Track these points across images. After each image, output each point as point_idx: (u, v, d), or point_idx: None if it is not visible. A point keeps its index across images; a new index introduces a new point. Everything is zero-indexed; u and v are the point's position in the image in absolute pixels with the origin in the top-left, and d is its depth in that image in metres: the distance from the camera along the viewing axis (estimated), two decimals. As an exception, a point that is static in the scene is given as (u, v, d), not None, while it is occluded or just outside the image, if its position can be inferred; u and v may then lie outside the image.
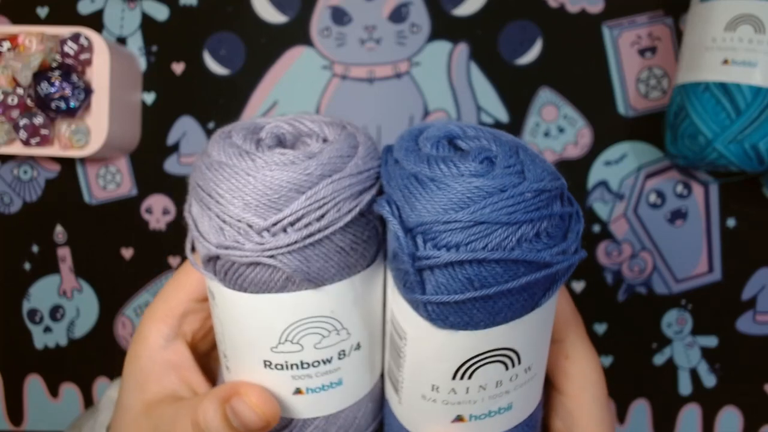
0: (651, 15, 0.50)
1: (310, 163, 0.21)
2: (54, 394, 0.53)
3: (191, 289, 0.28)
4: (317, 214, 0.21)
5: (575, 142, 0.50)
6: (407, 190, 0.21)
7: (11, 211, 0.53)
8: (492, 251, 0.20)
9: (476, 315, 0.21)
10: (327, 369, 0.24)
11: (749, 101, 0.42)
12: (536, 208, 0.21)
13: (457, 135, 0.23)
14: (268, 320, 0.23)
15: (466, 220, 0.20)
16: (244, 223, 0.21)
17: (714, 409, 0.51)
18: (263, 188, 0.21)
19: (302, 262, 0.22)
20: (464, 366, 0.23)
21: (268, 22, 0.51)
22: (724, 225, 0.50)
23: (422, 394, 0.24)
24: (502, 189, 0.20)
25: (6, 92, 0.46)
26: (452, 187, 0.20)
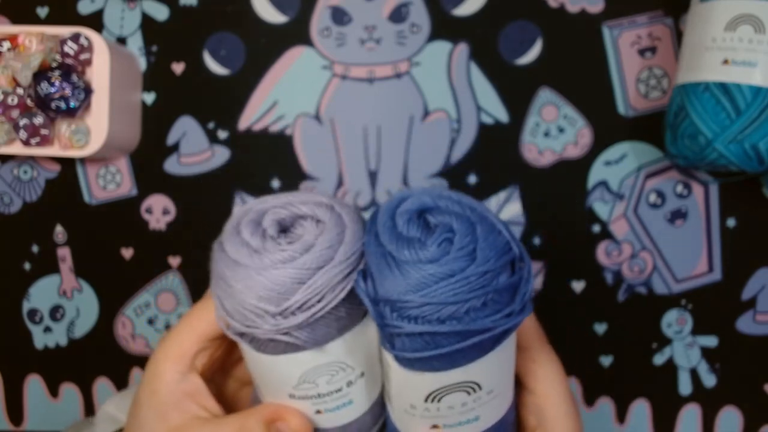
0: (651, 15, 0.50)
1: (307, 258, 0.26)
2: (54, 394, 0.53)
3: (203, 332, 0.31)
4: (317, 298, 0.26)
5: (575, 142, 0.50)
6: (380, 268, 0.26)
7: (11, 211, 0.53)
8: (442, 323, 0.25)
9: (435, 364, 0.26)
10: (339, 395, 0.30)
11: (749, 101, 0.42)
12: (481, 286, 0.25)
13: (428, 208, 0.28)
14: (287, 371, 0.29)
15: (419, 301, 0.25)
16: (260, 309, 0.27)
17: (714, 409, 0.51)
18: (271, 285, 0.26)
19: (310, 333, 0.27)
20: (432, 394, 0.28)
21: (268, 22, 0.51)
22: (724, 225, 0.50)
23: (404, 409, 0.30)
24: (451, 274, 0.25)
25: (6, 92, 0.46)
26: (411, 274, 0.25)
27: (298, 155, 0.51)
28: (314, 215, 0.28)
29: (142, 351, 0.53)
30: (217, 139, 0.51)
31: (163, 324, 0.52)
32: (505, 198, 0.51)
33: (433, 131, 0.51)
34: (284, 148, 0.51)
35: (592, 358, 0.51)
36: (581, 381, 0.51)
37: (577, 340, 0.51)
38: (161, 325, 0.53)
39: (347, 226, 0.28)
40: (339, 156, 0.51)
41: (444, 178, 0.51)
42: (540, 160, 0.51)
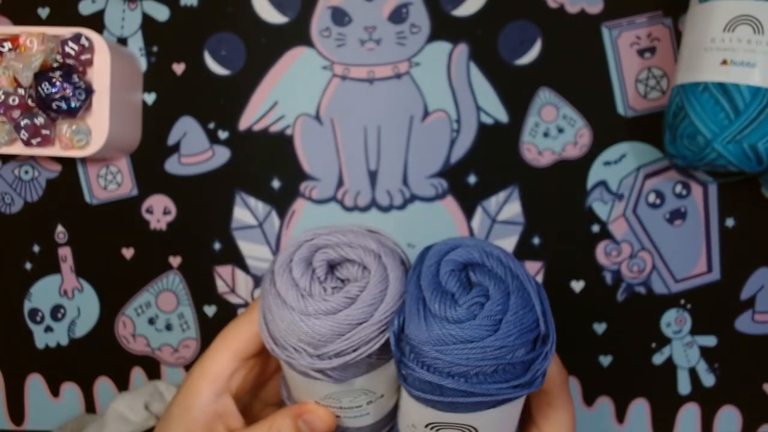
0: (650, 15, 0.50)
1: (348, 313, 0.28)
2: (55, 393, 0.53)
3: (238, 351, 0.33)
4: (352, 349, 0.29)
5: (574, 142, 0.51)
6: (411, 311, 0.28)
7: (12, 211, 0.53)
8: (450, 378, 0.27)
9: (440, 406, 0.28)
10: (359, 411, 0.33)
11: (748, 101, 0.42)
12: (494, 357, 0.26)
13: (474, 264, 0.28)
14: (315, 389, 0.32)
15: (434, 354, 0.26)
16: (300, 347, 0.29)
17: (713, 409, 0.51)
18: (312, 333, 0.29)
19: (341, 373, 0.30)
20: (432, 425, 0.30)
21: (269, 22, 0.51)
22: (723, 225, 0.50)
23: (408, 424, 0.32)
24: (470, 341, 0.26)
25: (7, 92, 0.46)
26: (434, 328, 0.27)
27: (298, 155, 0.51)
28: (362, 262, 0.30)
29: (142, 351, 0.53)
30: (218, 139, 0.52)
31: (164, 324, 0.53)
32: (505, 198, 0.51)
33: (432, 131, 0.51)
34: (284, 148, 0.51)
35: (591, 358, 0.51)
36: (580, 381, 0.52)
37: (577, 339, 0.51)
38: (162, 325, 0.53)
39: (390, 283, 0.29)
40: (339, 156, 0.51)
41: (444, 178, 0.51)
42: (539, 161, 0.51)
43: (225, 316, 0.52)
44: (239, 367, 0.34)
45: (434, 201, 0.51)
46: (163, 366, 0.53)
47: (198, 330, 0.53)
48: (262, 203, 0.52)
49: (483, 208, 0.51)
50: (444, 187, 0.51)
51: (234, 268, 0.52)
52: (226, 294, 0.52)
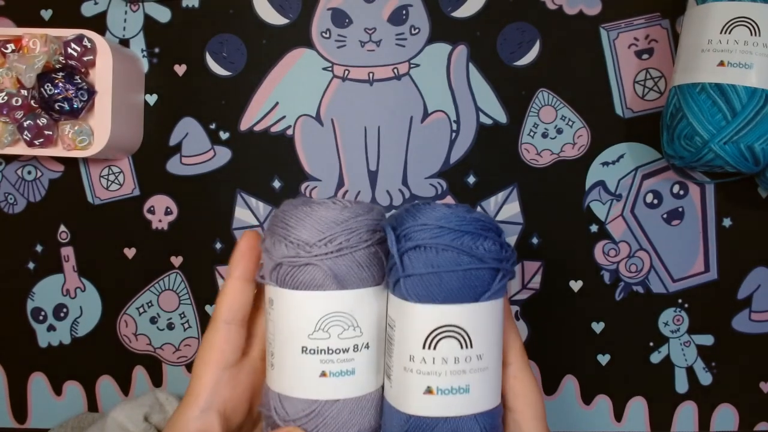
0: (648, 17, 0.50)
1: (345, 210, 0.34)
2: (58, 392, 0.54)
3: (217, 362, 0.34)
4: (347, 237, 0.33)
5: (573, 143, 0.51)
6: (401, 216, 0.34)
7: (15, 211, 0.53)
8: (445, 242, 0.32)
9: (435, 291, 0.32)
10: (345, 357, 0.34)
11: (745, 102, 0.43)
12: (476, 228, 0.33)
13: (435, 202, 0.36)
14: (309, 311, 0.34)
15: (431, 224, 0.32)
16: (302, 241, 0.33)
17: (710, 407, 0.52)
18: (317, 220, 0.34)
19: (333, 266, 0.33)
20: (430, 336, 0.32)
21: (269, 23, 0.51)
22: (720, 225, 0.51)
23: (404, 366, 0.33)
24: (454, 213, 0.33)
25: (10, 93, 0.47)
26: (426, 212, 0.33)
27: (299, 156, 0.52)
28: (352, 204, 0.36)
29: (144, 349, 0.53)
30: (219, 139, 0.52)
31: (165, 323, 0.53)
32: (504, 198, 0.51)
33: (432, 132, 0.51)
34: (285, 148, 0.52)
35: (589, 357, 0.52)
36: (579, 379, 0.52)
37: (575, 338, 0.52)
38: (163, 324, 0.53)
39: (374, 208, 0.36)
40: (339, 156, 0.52)
41: (443, 179, 0.51)
42: (538, 161, 0.51)
43: (226, 316, 0.53)
44: (221, 378, 0.34)
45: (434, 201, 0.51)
46: (164, 365, 0.53)
47: (199, 329, 0.53)
48: (263, 203, 0.52)
49: (482, 208, 0.51)
50: (443, 187, 0.51)
51: (235, 268, 0.52)
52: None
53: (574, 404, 0.52)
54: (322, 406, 0.34)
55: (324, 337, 0.34)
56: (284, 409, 0.34)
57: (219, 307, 0.35)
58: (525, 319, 0.52)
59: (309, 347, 0.34)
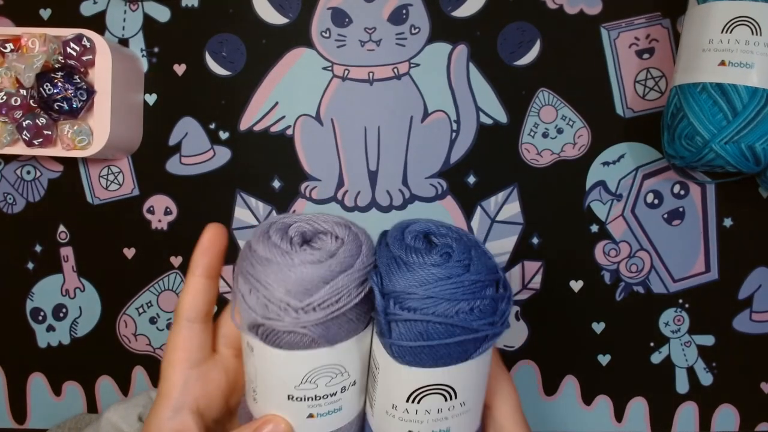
0: (648, 17, 0.50)
1: (332, 262, 0.30)
2: (57, 392, 0.54)
3: (182, 361, 0.34)
4: (335, 299, 0.30)
5: (573, 142, 0.51)
6: (389, 268, 0.31)
7: (14, 211, 0.53)
8: (437, 316, 0.30)
9: (424, 358, 0.31)
10: (332, 400, 0.33)
11: (746, 102, 0.43)
12: (471, 292, 0.30)
13: (431, 231, 0.33)
14: (295, 368, 0.32)
15: (422, 294, 0.30)
16: (285, 303, 0.30)
17: (711, 407, 0.52)
18: (300, 280, 0.30)
19: (324, 330, 0.31)
20: (414, 393, 0.32)
21: (269, 23, 0.51)
22: (721, 225, 0.51)
23: (386, 410, 0.33)
24: (449, 277, 0.30)
25: (9, 93, 0.47)
26: (417, 272, 0.30)
27: (298, 155, 0.52)
28: (333, 232, 0.32)
29: (144, 350, 0.53)
30: (219, 139, 0.52)
31: (165, 323, 0.53)
32: (504, 198, 0.51)
33: (432, 132, 0.51)
34: (285, 148, 0.51)
35: (590, 357, 0.52)
36: (579, 379, 0.52)
37: (576, 338, 0.52)
38: (163, 324, 0.53)
39: (363, 242, 0.32)
40: (339, 156, 0.51)
41: (443, 179, 0.51)
42: (538, 161, 0.51)
43: (226, 316, 0.53)
44: (189, 378, 0.34)
45: (434, 201, 0.51)
46: (164, 365, 0.53)
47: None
48: (263, 203, 0.52)
49: (482, 208, 0.51)
50: (443, 187, 0.51)
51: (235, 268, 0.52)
52: (227, 293, 0.52)
53: (574, 404, 0.52)
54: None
55: (311, 387, 0.32)
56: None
57: (181, 306, 0.34)
58: (525, 319, 0.52)
59: (296, 396, 0.33)
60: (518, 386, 0.52)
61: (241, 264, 0.32)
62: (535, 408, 0.52)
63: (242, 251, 0.32)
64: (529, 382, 0.52)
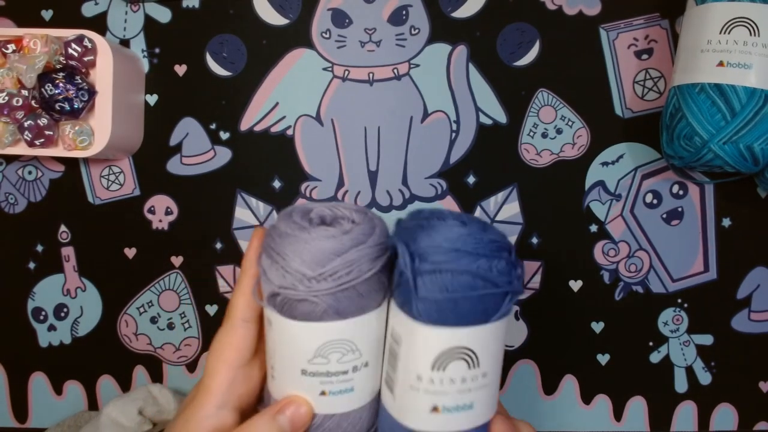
0: (647, 17, 0.50)
1: (345, 238, 0.32)
2: (58, 392, 0.54)
3: (232, 360, 0.35)
4: (346, 271, 0.32)
5: (573, 143, 0.51)
6: (414, 232, 0.32)
7: (16, 211, 0.53)
8: (461, 267, 0.31)
9: (448, 314, 0.31)
10: (344, 378, 0.34)
11: (744, 102, 0.43)
12: (490, 250, 0.32)
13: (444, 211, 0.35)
14: (308, 340, 0.33)
15: (447, 246, 0.31)
16: (299, 273, 0.32)
17: (709, 407, 0.52)
18: (315, 252, 0.32)
19: (334, 301, 0.32)
20: (439, 358, 0.32)
21: (270, 24, 0.51)
22: (720, 225, 0.51)
23: (410, 384, 0.33)
24: (470, 234, 0.32)
25: (11, 94, 0.47)
26: (442, 231, 0.32)
27: (299, 156, 0.52)
28: (351, 217, 0.34)
29: (144, 349, 0.53)
30: (219, 139, 0.52)
31: (166, 323, 0.53)
32: (504, 198, 0.51)
33: (432, 132, 0.51)
34: (285, 148, 0.52)
35: (589, 357, 0.52)
36: (579, 379, 0.52)
37: (575, 338, 0.52)
38: (164, 324, 0.53)
39: (377, 225, 0.34)
40: (339, 156, 0.52)
41: (443, 179, 0.51)
42: (538, 161, 0.51)
43: (226, 315, 0.53)
44: (236, 376, 0.35)
45: (434, 201, 0.51)
46: (165, 365, 0.53)
47: (200, 329, 0.53)
48: (263, 203, 0.52)
49: (482, 208, 0.51)
50: (443, 187, 0.51)
51: (235, 268, 0.52)
52: (228, 293, 0.53)
53: (573, 404, 0.52)
54: (322, 419, 0.35)
55: (323, 362, 0.34)
56: None
57: (236, 305, 0.35)
58: (525, 319, 0.52)
59: (309, 371, 0.34)
60: (518, 386, 0.53)
61: (265, 242, 0.34)
62: (534, 407, 0.52)
63: (267, 231, 0.35)
64: (529, 382, 0.52)
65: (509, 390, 0.52)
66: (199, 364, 0.53)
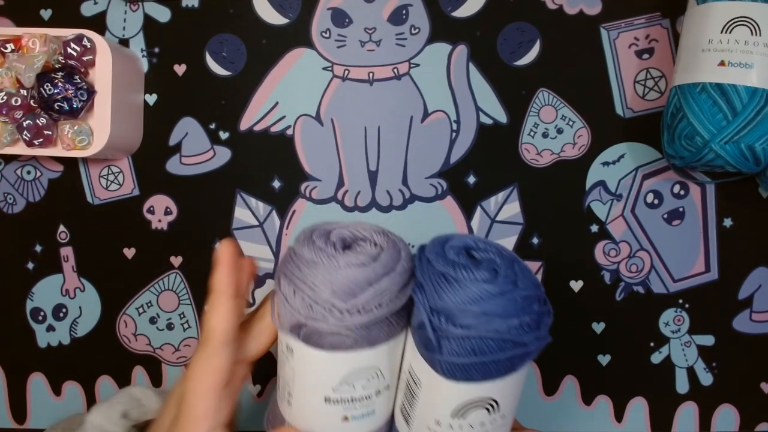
0: (648, 17, 0.50)
1: (376, 266, 0.31)
2: (57, 392, 0.54)
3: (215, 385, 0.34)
4: (378, 301, 0.31)
5: (573, 142, 0.51)
6: (437, 284, 0.30)
7: (15, 211, 0.53)
8: (490, 332, 0.30)
9: (474, 373, 0.31)
10: (367, 403, 0.34)
11: (745, 102, 0.43)
12: (522, 307, 0.30)
13: (471, 247, 0.33)
14: (335, 368, 0.32)
15: (476, 310, 0.30)
16: (330, 304, 0.30)
17: (711, 408, 0.52)
18: (346, 282, 0.30)
19: (366, 332, 0.31)
20: (461, 408, 0.32)
21: (269, 23, 0.51)
22: (721, 225, 0.51)
23: (428, 426, 0.33)
24: (502, 293, 0.30)
25: (9, 93, 0.47)
26: (470, 288, 0.30)
27: (298, 155, 0.52)
28: (372, 238, 0.33)
29: (144, 350, 0.53)
30: (219, 139, 0.52)
31: (165, 323, 0.53)
32: (504, 198, 0.51)
33: (432, 132, 0.51)
34: (285, 148, 0.52)
35: (590, 357, 0.52)
36: (579, 379, 0.52)
37: (576, 338, 0.52)
38: (163, 324, 0.53)
39: (401, 248, 0.33)
40: (339, 156, 0.52)
41: (443, 179, 0.51)
42: (538, 161, 0.51)
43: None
44: (223, 396, 0.34)
45: (434, 201, 0.51)
46: (164, 365, 0.53)
47: (199, 329, 0.53)
48: (263, 203, 0.52)
49: (482, 208, 0.51)
50: (443, 187, 0.51)
51: (235, 268, 0.52)
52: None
53: (574, 405, 0.52)
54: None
55: (348, 390, 0.33)
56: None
57: (217, 329, 0.34)
58: (525, 320, 0.52)
59: (332, 398, 0.33)
60: (518, 386, 0.52)
61: (284, 267, 0.32)
62: (535, 408, 0.52)
63: (285, 255, 0.33)
64: (529, 383, 0.52)
65: (510, 391, 0.52)
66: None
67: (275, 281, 0.33)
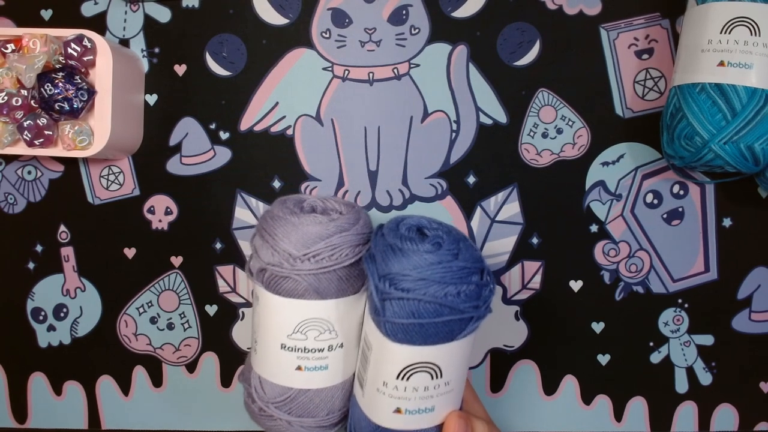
0: (648, 17, 0.50)
1: (330, 224, 0.36)
2: (58, 392, 0.54)
3: None
4: (329, 254, 0.35)
5: (573, 142, 0.51)
6: (386, 254, 0.34)
7: (15, 211, 0.53)
8: (428, 296, 0.33)
9: (414, 336, 0.34)
10: (319, 356, 0.37)
11: (745, 102, 0.43)
12: (459, 277, 0.33)
13: (424, 226, 0.36)
14: (289, 315, 0.36)
15: (414, 276, 0.33)
16: (286, 252, 0.35)
17: (710, 407, 0.52)
18: (302, 234, 0.35)
19: (315, 281, 0.36)
20: (404, 370, 0.34)
21: (270, 24, 0.51)
22: (721, 225, 0.51)
23: (377, 388, 0.36)
24: (440, 262, 0.33)
25: (10, 93, 0.47)
26: (412, 257, 0.33)
27: (299, 155, 0.52)
28: (339, 209, 0.38)
29: (144, 349, 0.53)
30: (219, 139, 0.52)
31: (165, 323, 0.53)
32: (504, 198, 0.51)
33: (432, 132, 0.51)
34: (285, 148, 0.52)
35: (589, 357, 0.52)
36: (579, 379, 0.52)
37: (575, 338, 0.52)
38: (163, 324, 0.53)
39: (362, 217, 0.38)
40: (339, 156, 0.52)
41: (443, 179, 0.51)
42: (538, 161, 0.51)
43: (226, 316, 0.53)
44: None
45: (434, 201, 0.51)
46: (164, 365, 0.53)
47: (199, 329, 0.53)
48: (263, 203, 0.52)
49: (482, 208, 0.51)
50: (443, 187, 0.51)
51: (235, 268, 0.52)
52: (227, 293, 0.53)
53: (574, 404, 0.52)
54: (296, 393, 0.38)
55: (301, 338, 0.37)
56: (263, 390, 0.39)
57: None
58: (525, 319, 0.52)
59: (287, 345, 0.37)
60: (518, 386, 0.53)
61: (259, 224, 0.38)
62: (534, 408, 0.52)
63: (263, 215, 0.38)
64: (529, 382, 0.52)
65: (509, 390, 0.52)
66: (199, 365, 0.53)
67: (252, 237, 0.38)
